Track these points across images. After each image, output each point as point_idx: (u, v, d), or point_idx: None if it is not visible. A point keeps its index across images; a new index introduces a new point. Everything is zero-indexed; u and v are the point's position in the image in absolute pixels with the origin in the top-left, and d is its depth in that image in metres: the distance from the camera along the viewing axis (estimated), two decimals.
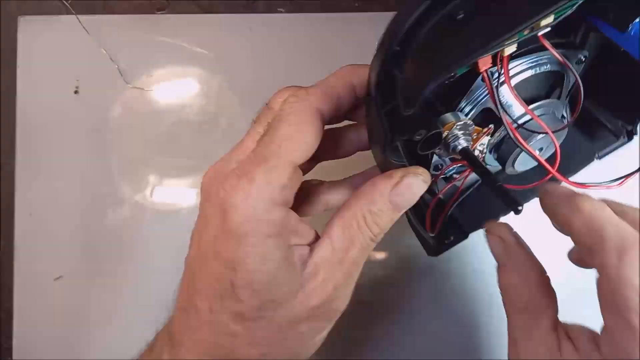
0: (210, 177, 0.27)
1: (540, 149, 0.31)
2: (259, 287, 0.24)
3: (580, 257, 0.29)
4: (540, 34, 0.26)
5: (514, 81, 0.29)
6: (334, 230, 0.27)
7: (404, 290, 0.45)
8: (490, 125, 0.29)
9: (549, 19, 0.25)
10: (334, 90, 0.28)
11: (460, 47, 0.22)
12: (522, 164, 0.32)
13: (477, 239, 0.46)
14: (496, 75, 0.27)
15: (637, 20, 0.26)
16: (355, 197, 0.27)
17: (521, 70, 0.29)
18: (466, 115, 0.29)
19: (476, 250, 0.46)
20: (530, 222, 0.32)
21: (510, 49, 0.26)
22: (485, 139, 0.30)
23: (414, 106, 0.23)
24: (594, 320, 0.25)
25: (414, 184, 0.27)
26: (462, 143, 0.27)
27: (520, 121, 0.30)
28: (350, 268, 0.27)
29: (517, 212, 0.26)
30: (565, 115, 0.34)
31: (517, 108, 0.30)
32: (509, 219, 0.34)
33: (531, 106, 0.30)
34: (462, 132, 0.27)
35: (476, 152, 0.31)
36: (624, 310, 0.22)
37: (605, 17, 0.28)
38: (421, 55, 0.20)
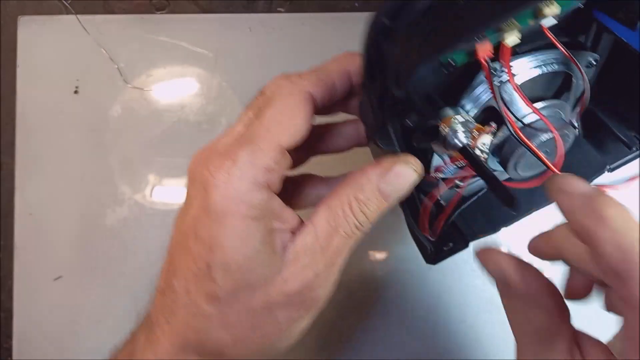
0: (196, 160, 0.26)
1: (546, 152, 0.30)
2: (234, 268, 0.24)
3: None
4: (545, 25, 0.25)
5: (520, 79, 0.28)
6: (319, 216, 0.26)
7: (403, 290, 0.45)
8: (491, 123, 0.28)
9: (554, 8, 0.24)
10: (329, 75, 0.27)
11: (455, 26, 0.21)
12: (527, 167, 0.31)
13: None
14: (499, 68, 0.26)
15: None
16: (342, 184, 0.26)
17: (528, 68, 0.28)
18: (467, 112, 0.28)
19: (475, 249, 0.46)
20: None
21: (512, 38, 0.25)
22: (487, 139, 0.29)
23: (404, 87, 0.22)
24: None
25: (403, 173, 0.26)
26: (461, 138, 0.26)
27: (526, 121, 0.29)
28: (333, 256, 0.26)
29: (512, 205, 0.25)
30: (575, 125, 0.33)
31: (521, 107, 0.29)
32: (512, 230, 0.34)
33: (535, 104, 0.29)
34: (461, 127, 0.26)
35: (477, 152, 0.29)
36: None
37: (615, 15, 0.27)
38: (413, 32, 0.19)
